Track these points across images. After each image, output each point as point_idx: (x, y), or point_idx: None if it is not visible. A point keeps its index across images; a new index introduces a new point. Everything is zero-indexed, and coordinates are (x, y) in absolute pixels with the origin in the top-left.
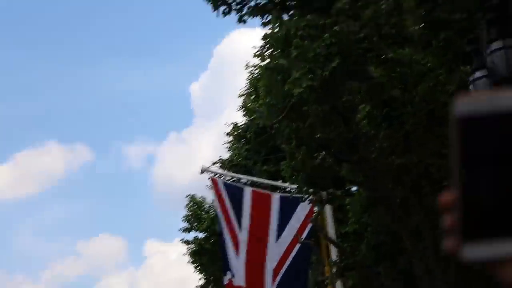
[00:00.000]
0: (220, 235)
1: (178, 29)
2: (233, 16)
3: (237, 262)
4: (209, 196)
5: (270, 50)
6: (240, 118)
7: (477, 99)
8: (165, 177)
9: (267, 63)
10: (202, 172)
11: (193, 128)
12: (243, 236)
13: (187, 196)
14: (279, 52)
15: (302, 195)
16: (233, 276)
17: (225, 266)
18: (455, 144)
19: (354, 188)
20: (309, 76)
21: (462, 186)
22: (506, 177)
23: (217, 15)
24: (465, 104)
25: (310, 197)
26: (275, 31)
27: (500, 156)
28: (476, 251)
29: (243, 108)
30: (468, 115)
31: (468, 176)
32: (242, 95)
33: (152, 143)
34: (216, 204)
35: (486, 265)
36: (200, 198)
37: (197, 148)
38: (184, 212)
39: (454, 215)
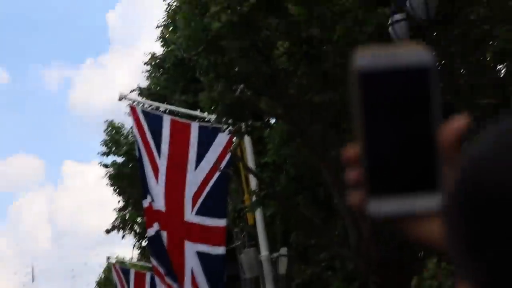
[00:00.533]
0: (139, 161)
1: None
2: None
3: (156, 188)
4: (128, 122)
5: None
6: (158, 49)
7: (376, 53)
8: (82, 101)
9: None
10: (120, 99)
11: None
12: (162, 163)
13: (105, 121)
14: None
15: (221, 125)
16: (152, 200)
17: (145, 191)
18: (355, 98)
19: (273, 121)
20: (228, 11)
21: (364, 140)
22: (405, 131)
23: None
24: (365, 58)
25: (229, 127)
26: None
27: (399, 110)
28: (382, 206)
29: (161, 39)
30: (367, 69)
31: (369, 130)
32: (160, 26)
33: (69, 67)
34: (135, 131)
35: (392, 221)
36: (118, 123)
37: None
38: (103, 136)
39: (359, 169)
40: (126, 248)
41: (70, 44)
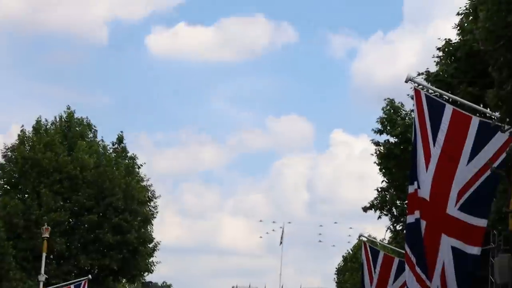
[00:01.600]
0: (413, 145)
1: None
2: None
3: (425, 176)
4: (408, 104)
5: None
6: (453, 36)
7: None
8: (364, 73)
9: None
10: (407, 81)
11: (399, 31)
12: (435, 152)
13: (385, 99)
14: None
15: (503, 125)
16: (418, 187)
17: (412, 176)
18: None
19: None
20: None
21: None
22: None
23: None
24: None
25: (511, 129)
26: None
27: None
28: None
29: (458, 27)
30: None
31: None
32: (460, 14)
33: (357, 37)
34: (415, 115)
35: None
36: (398, 103)
37: (400, 51)
38: (378, 112)
39: None
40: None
41: (361, 14)
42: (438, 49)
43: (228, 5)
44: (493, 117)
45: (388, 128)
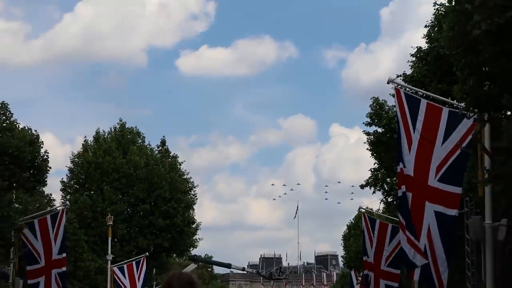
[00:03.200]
0: (397, 133)
1: None
2: None
3: (409, 157)
4: (390, 100)
5: None
6: (423, 44)
7: None
8: (353, 77)
9: (454, 5)
10: (388, 82)
11: (378, 42)
12: (415, 137)
13: (371, 98)
14: None
15: (468, 113)
16: (404, 166)
17: (399, 158)
18: None
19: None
20: (488, 22)
21: None
22: None
23: None
24: None
25: (474, 116)
26: None
27: None
28: None
29: (426, 37)
30: None
31: None
32: (427, 26)
33: (345, 49)
34: (397, 109)
35: None
36: (382, 100)
37: (381, 58)
38: (366, 108)
39: None
40: (374, 201)
41: (348, 30)
42: (412, 55)
43: (241, 30)
44: (459, 107)
45: (376, 121)
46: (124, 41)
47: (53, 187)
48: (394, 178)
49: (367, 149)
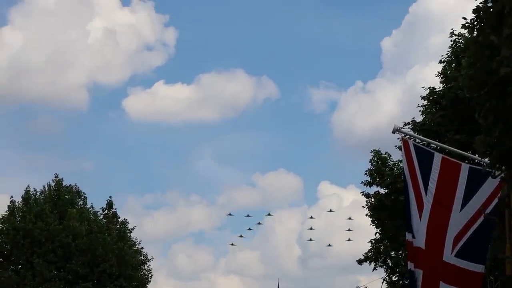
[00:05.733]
0: (404, 195)
1: None
2: None
3: (419, 225)
4: (395, 154)
5: (479, 24)
6: (436, 83)
7: None
8: (345, 123)
9: (476, 37)
10: (394, 131)
11: (378, 80)
12: (427, 200)
13: (372, 151)
14: (489, 27)
15: (493, 170)
16: (413, 237)
17: (406, 226)
18: None
19: None
20: None
21: None
22: None
23: None
24: None
25: (501, 174)
26: (488, 5)
27: None
28: None
29: (441, 75)
30: None
31: None
32: (443, 62)
33: (336, 89)
34: (405, 165)
35: None
36: (384, 154)
37: (380, 100)
38: (364, 163)
39: None
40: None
41: (340, 66)
42: (423, 98)
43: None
44: (482, 163)
45: (377, 179)
46: (60, 76)
47: None
48: (400, 252)
49: (366, 214)
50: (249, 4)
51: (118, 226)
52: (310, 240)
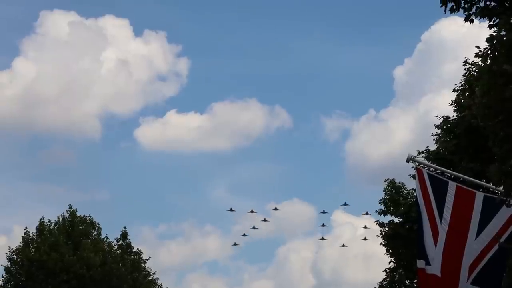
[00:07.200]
0: (418, 223)
1: (390, 12)
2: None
3: (434, 253)
4: (409, 183)
5: (493, 53)
6: (450, 112)
7: None
8: (358, 152)
9: (489, 65)
10: (408, 161)
11: (391, 109)
12: (442, 228)
13: (385, 180)
14: (503, 56)
15: (508, 198)
16: (427, 264)
17: (420, 253)
18: None
19: None
20: None
21: None
22: None
23: (444, 11)
24: None
25: None
26: (502, 33)
27: None
28: None
29: (455, 103)
30: None
31: None
32: (457, 90)
33: (349, 118)
34: (419, 194)
35: None
36: (399, 183)
37: (393, 128)
38: (378, 191)
39: None
40: None
41: (353, 95)
42: (437, 126)
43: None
44: (497, 191)
45: (392, 208)
46: (73, 106)
47: None
48: (415, 280)
49: (381, 243)
50: (261, 33)
51: (133, 256)
52: (322, 239)
